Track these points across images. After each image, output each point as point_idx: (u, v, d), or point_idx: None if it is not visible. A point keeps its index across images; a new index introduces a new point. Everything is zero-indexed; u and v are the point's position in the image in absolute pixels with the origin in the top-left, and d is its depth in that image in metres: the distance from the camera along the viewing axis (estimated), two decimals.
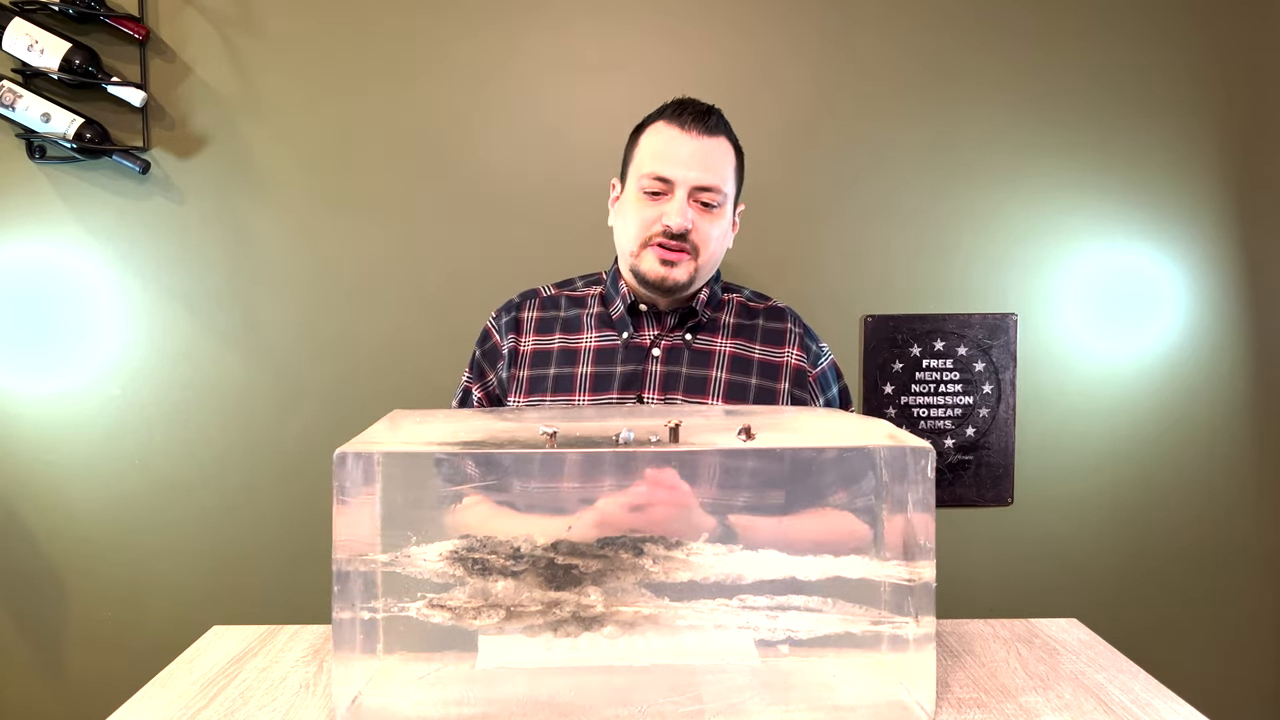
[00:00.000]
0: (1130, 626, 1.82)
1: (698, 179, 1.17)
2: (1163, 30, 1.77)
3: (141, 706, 0.87)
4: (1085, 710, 0.84)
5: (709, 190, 1.17)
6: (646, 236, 1.18)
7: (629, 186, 1.23)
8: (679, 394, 1.21)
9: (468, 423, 0.97)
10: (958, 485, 1.81)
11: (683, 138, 1.17)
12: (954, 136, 1.77)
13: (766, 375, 1.23)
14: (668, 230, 1.16)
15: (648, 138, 1.21)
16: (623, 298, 1.25)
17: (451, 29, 1.73)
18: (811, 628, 0.83)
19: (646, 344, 1.24)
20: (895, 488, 0.81)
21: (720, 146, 1.20)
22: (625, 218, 1.22)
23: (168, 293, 1.73)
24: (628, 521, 0.83)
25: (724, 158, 1.20)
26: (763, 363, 1.24)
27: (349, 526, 0.78)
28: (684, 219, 1.16)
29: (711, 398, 1.21)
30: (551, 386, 1.22)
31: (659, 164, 1.17)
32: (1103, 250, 1.79)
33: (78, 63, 1.60)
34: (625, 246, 1.21)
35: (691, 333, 1.24)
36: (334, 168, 1.73)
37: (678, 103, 1.21)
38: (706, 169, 1.17)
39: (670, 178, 1.17)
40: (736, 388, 1.22)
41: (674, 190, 1.17)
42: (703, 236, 1.18)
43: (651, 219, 1.18)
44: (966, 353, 1.79)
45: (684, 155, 1.17)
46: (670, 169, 1.17)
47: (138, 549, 1.74)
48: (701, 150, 1.17)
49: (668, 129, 1.19)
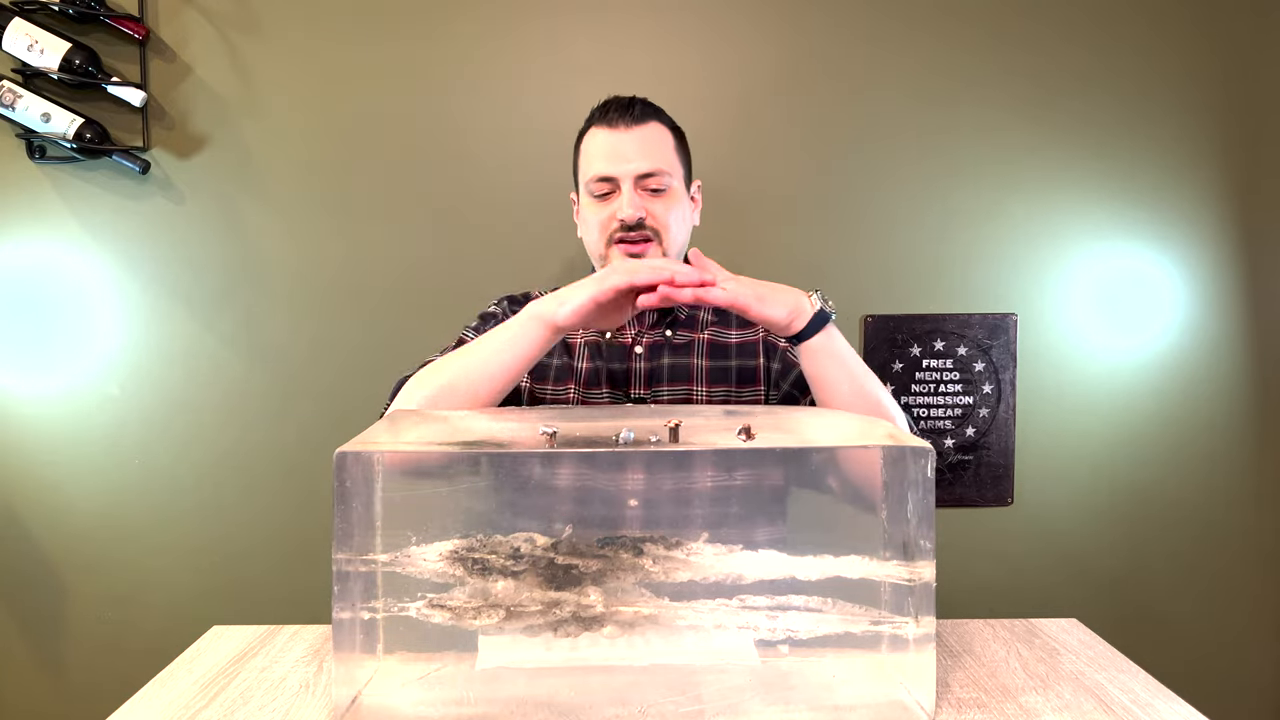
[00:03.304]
0: (1130, 626, 1.82)
1: (637, 168, 1.20)
2: (1163, 30, 1.77)
3: (141, 706, 0.87)
4: (1085, 710, 0.84)
5: (652, 175, 1.21)
6: (608, 236, 1.22)
7: (582, 195, 1.27)
8: (664, 386, 1.24)
9: (468, 423, 0.97)
10: (958, 485, 1.81)
11: (614, 135, 1.21)
12: (954, 136, 1.77)
13: (745, 355, 1.26)
14: (623, 223, 1.20)
15: (585, 144, 1.25)
16: None
17: (452, 29, 1.73)
18: (811, 628, 0.83)
19: (629, 342, 1.27)
20: (895, 488, 0.81)
21: (653, 131, 1.23)
22: (586, 224, 1.26)
23: (167, 292, 1.73)
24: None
25: (659, 141, 1.23)
26: (740, 344, 1.27)
27: (349, 526, 0.78)
28: (634, 208, 1.19)
29: (695, 384, 1.24)
30: (554, 376, 1.25)
31: (598, 165, 1.21)
32: (1103, 250, 1.80)
33: (78, 63, 1.60)
34: (595, 250, 1.25)
35: (670, 328, 1.28)
36: (334, 168, 1.73)
37: (603, 104, 1.25)
38: (643, 157, 1.20)
39: (611, 175, 1.20)
40: (718, 371, 1.25)
41: (620, 185, 1.20)
42: (660, 220, 1.21)
43: (607, 218, 1.22)
44: (966, 353, 1.79)
45: (619, 150, 1.20)
46: (609, 166, 1.20)
47: (137, 549, 1.74)
48: (634, 140, 1.21)
49: (599, 131, 1.23)
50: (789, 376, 1.24)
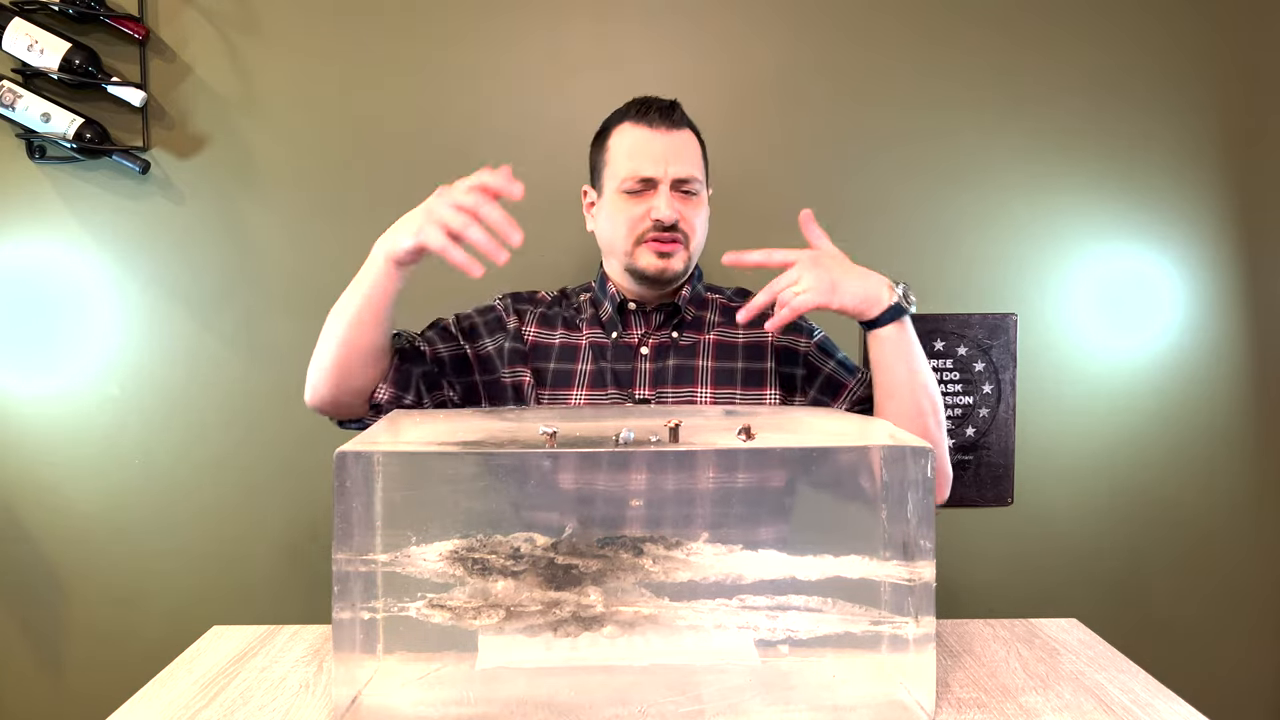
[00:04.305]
0: (1130, 626, 1.82)
1: (676, 172, 1.20)
2: (1163, 30, 1.77)
3: (141, 706, 0.87)
4: (1085, 710, 0.84)
5: (687, 181, 1.21)
6: (639, 234, 1.21)
7: (606, 190, 1.25)
8: (669, 387, 1.23)
9: (468, 422, 0.97)
10: (958, 485, 1.81)
11: (653, 135, 1.21)
12: (954, 136, 1.77)
13: (752, 357, 1.26)
14: (659, 223, 1.20)
15: (617, 140, 1.24)
16: (610, 299, 1.28)
17: (452, 28, 1.73)
18: (811, 628, 0.83)
19: (635, 343, 1.27)
20: (895, 488, 0.81)
21: (687, 138, 1.24)
22: (611, 220, 1.24)
23: (167, 293, 1.73)
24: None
25: (693, 148, 1.24)
26: (747, 345, 1.27)
27: (349, 526, 0.78)
28: (673, 210, 1.20)
29: (700, 385, 1.24)
30: (551, 381, 1.24)
31: (637, 164, 1.21)
32: (1103, 250, 1.79)
33: (78, 63, 1.60)
34: (619, 247, 1.24)
35: (677, 330, 1.27)
36: (334, 168, 1.73)
37: (640, 101, 1.25)
38: (682, 161, 1.21)
39: (652, 176, 1.20)
40: (723, 374, 1.25)
41: (657, 186, 1.20)
42: (690, 224, 1.23)
43: (639, 216, 1.21)
44: (966, 353, 1.79)
45: (658, 152, 1.20)
46: (649, 167, 1.20)
47: (137, 549, 1.74)
48: (673, 144, 1.21)
49: (635, 129, 1.22)
50: (815, 381, 1.25)
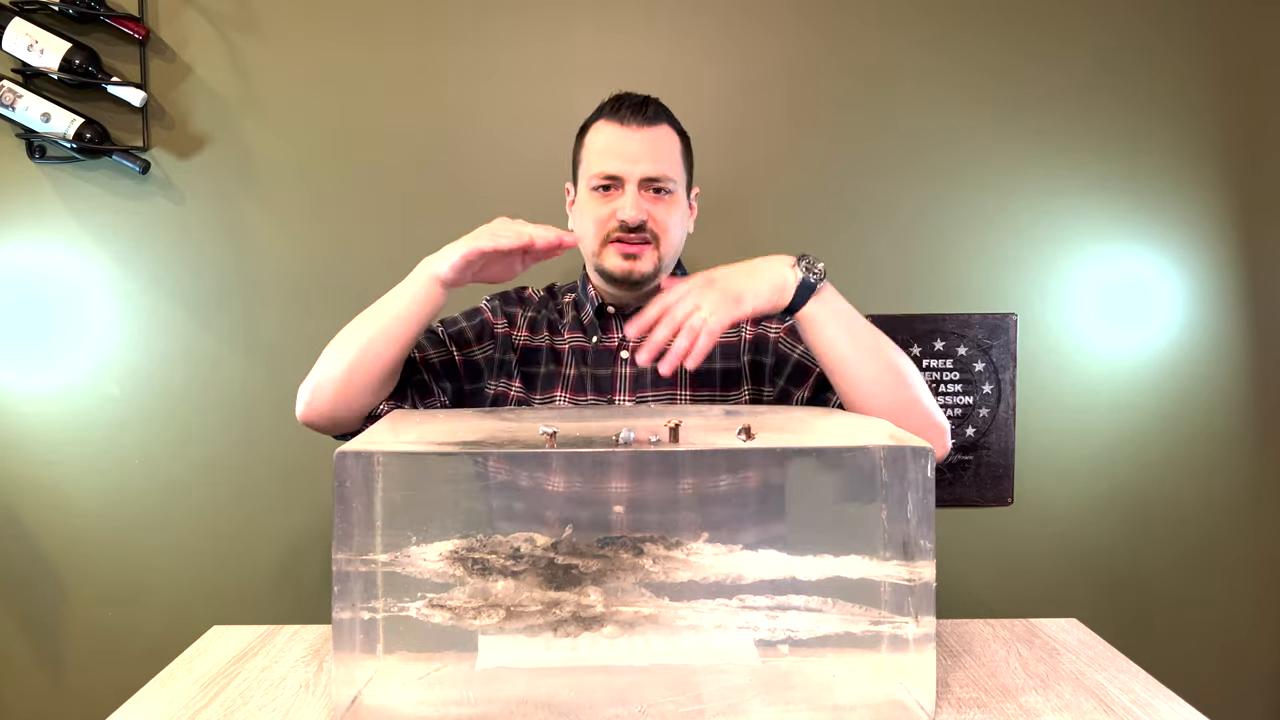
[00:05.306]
0: (1130, 626, 1.82)
1: (645, 170, 1.18)
2: (1163, 31, 1.77)
3: (141, 706, 0.87)
4: (1085, 710, 0.84)
5: (658, 179, 1.19)
6: (605, 234, 1.20)
7: (580, 188, 1.24)
8: (649, 391, 1.23)
9: (467, 423, 0.97)
10: (958, 485, 1.81)
11: (624, 132, 1.19)
12: (954, 136, 1.77)
13: (728, 358, 1.25)
14: (624, 224, 1.18)
15: (591, 137, 1.23)
16: (590, 301, 1.27)
17: (452, 29, 1.73)
18: (811, 628, 0.83)
19: (614, 346, 1.25)
20: (895, 488, 0.81)
21: (663, 134, 1.21)
22: (582, 219, 1.23)
23: (167, 293, 1.73)
24: None
25: (668, 145, 1.21)
26: (724, 345, 1.25)
27: (349, 526, 0.78)
28: (638, 210, 1.17)
29: (679, 388, 1.23)
30: (540, 385, 1.24)
31: (605, 162, 1.19)
32: (1103, 250, 1.79)
33: (78, 63, 1.60)
34: (587, 247, 1.23)
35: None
36: (334, 168, 1.73)
37: (615, 98, 1.22)
38: (652, 160, 1.19)
39: (618, 174, 1.18)
40: (702, 375, 1.24)
41: (624, 185, 1.18)
42: (660, 225, 1.20)
43: (606, 216, 1.19)
44: (966, 353, 1.79)
45: (629, 149, 1.18)
46: (617, 165, 1.18)
47: (137, 549, 1.74)
48: (644, 141, 1.19)
49: (608, 126, 1.20)
50: (783, 371, 1.23)
